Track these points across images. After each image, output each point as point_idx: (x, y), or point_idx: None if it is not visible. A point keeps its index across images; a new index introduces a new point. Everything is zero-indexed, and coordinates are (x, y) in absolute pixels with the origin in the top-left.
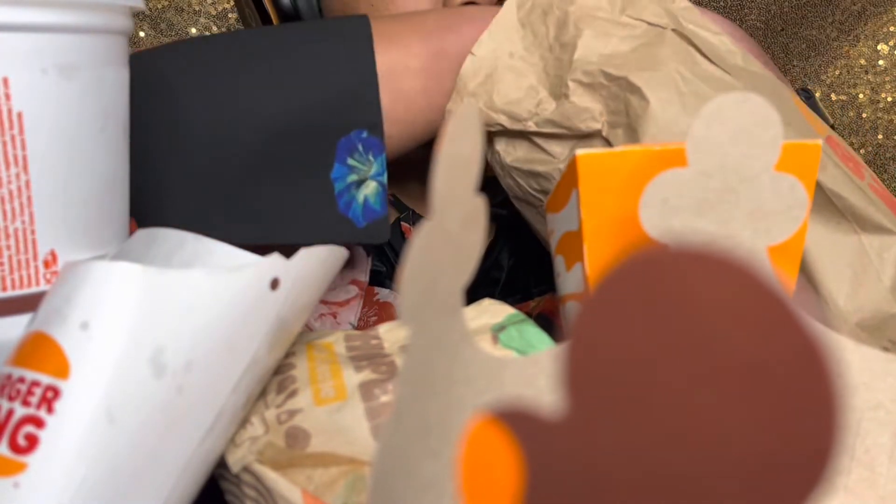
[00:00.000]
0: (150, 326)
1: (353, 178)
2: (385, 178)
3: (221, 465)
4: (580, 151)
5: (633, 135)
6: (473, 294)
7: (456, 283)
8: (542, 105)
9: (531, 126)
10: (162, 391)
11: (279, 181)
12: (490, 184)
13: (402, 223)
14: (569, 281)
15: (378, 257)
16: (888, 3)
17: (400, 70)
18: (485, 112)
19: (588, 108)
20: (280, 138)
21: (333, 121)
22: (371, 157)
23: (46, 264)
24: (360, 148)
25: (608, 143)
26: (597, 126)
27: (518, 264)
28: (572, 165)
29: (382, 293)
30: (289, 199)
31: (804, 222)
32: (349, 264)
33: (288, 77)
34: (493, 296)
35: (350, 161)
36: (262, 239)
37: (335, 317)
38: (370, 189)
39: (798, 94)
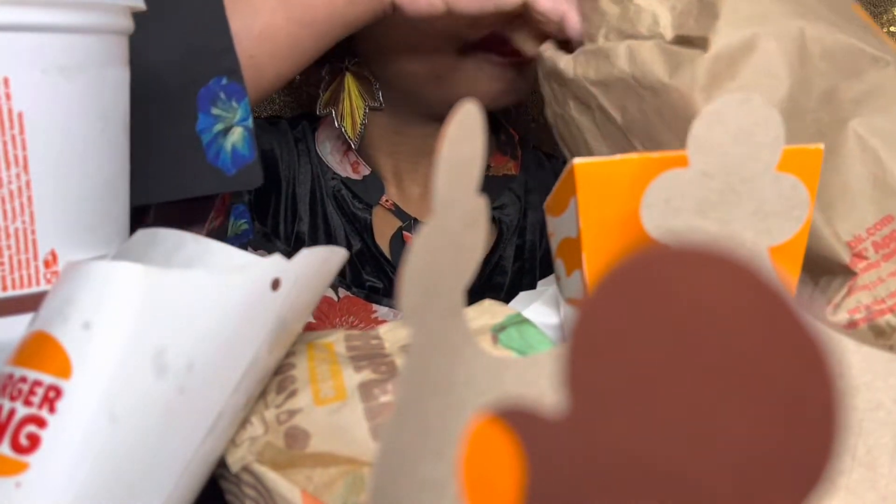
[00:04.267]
0: (151, 327)
1: (219, 127)
2: (250, 122)
3: (221, 464)
4: (577, 160)
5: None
6: (478, 299)
7: (457, 284)
8: None
9: None
10: (163, 391)
11: (146, 143)
12: (492, 186)
13: (405, 232)
14: (569, 285)
15: (375, 273)
16: (888, 4)
17: None
18: None
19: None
20: (138, 101)
21: (190, 73)
22: (234, 104)
23: (47, 264)
24: (222, 96)
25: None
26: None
27: (523, 269)
28: (570, 173)
29: (381, 311)
30: (158, 159)
31: (806, 223)
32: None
33: (135, 39)
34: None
35: (214, 111)
36: (138, 200)
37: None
38: (236, 135)
39: None
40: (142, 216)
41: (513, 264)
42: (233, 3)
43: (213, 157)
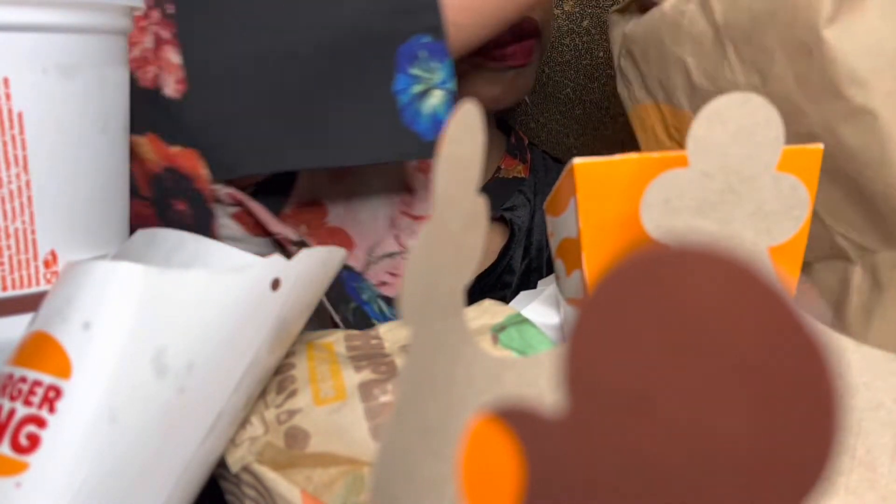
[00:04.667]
0: (151, 327)
1: (417, 88)
2: (453, 85)
3: (221, 464)
4: (577, 160)
5: None
6: (485, 297)
7: (457, 284)
8: None
9: None
10: (163, 391)
11: (338, 100)
12: (503, 188)
13: None
14: (568, 286)
15: None
16: None
17: None
18: None
19: None
20: (334, 54)
21: (390, 28)
22: (436, 64)
23: (47, 264)
24: (423, 55)
25: None
26: None
27: (530, 268)
28: (570, 173)
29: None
30: (350, 119)
31: (805, 222)
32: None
33: None
34: (504, 300)
35: (413, 70)
36: (329, 162)
37: (416, 220)
38: (437, 98)
39: None
40: (291, 182)
41: (521, 263)
42: None
43: (409, 120)
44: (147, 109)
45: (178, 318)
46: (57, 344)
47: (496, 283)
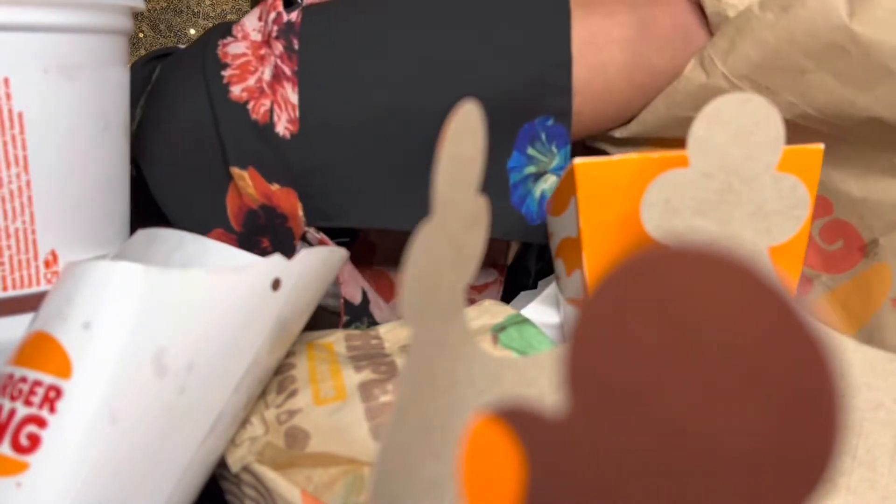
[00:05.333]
0: (151, 327)
1: (531, 169)
2: None
3: (221, 464)
4: (578, 160)
5: None
6: (507, 301)
7: (457, 284)
8: None
9: None
10: (164, 391)
11: None
12: None
13: None
14: (568, 286)
15: None
16: None
17: (601, 40)
18: None
19: None
20: None
21: (519, 104)
22: (554, 149)
23: (47, 264)
24: (544, 137)
25: None
26: None
27: (544, 269)
28: (570, 173)
29: None
30: None
31: (806, 222)
32: (489, 245)
33: (472, 50)
34: None
35: (530, 151)
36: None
37: (472, 303)
38: (549, 184)
39: None
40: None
41: (535, 264)
42: (580, 48)
43: (517, 200)
44: (255, 144)
45: (179, 318)
46: (57, 344)
47: (516, 286)
